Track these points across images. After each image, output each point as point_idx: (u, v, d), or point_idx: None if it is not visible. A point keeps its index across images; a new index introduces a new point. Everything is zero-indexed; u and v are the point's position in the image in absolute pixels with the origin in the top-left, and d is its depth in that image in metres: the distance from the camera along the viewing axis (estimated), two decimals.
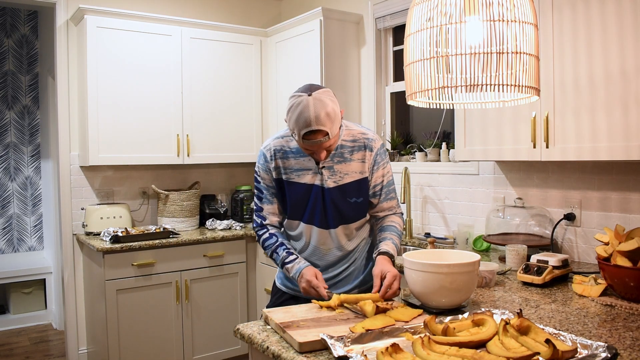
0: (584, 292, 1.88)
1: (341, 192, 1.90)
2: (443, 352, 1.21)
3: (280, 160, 1.93)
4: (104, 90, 3.49)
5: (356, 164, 1.92)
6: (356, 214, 1.96)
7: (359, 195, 1.93)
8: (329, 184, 1.90)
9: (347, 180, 1.91)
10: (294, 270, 1.87)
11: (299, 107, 1.73)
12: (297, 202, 1.92)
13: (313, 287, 1.79)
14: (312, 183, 1.90)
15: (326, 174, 1.90)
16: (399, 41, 3.71)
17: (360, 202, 1.94)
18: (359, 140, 1.95)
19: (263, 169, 1.96)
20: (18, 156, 5.47)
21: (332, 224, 1.93)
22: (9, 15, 5.36)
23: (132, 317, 3.29)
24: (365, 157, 1.93)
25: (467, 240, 2.88)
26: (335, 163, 1.91)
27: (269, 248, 1.96)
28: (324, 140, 1.75)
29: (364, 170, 1.93)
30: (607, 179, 2.41)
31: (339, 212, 1.92)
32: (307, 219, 1.93)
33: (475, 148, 2.59)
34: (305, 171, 1.91)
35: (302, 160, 1.91)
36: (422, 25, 1.36)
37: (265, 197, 1.98)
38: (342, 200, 1.91)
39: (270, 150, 1.95)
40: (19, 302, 4.92)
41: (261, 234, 1.99)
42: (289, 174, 1.92)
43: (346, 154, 1.92)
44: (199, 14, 4.20)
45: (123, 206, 3.71)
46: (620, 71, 2.00)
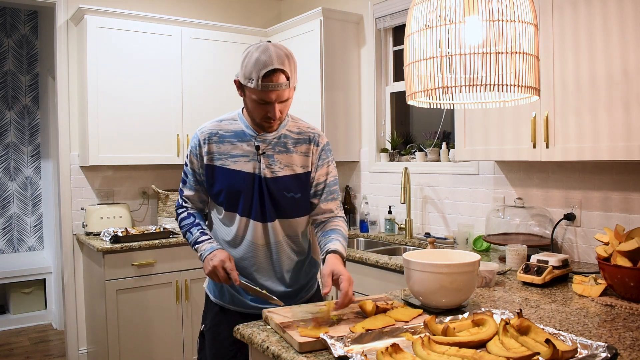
0: (584, 292, 1.88)
1: (277, 184, 1.76)
2: (443, 352, 1.21)
3: (215, 144, 1.78)
4: (104, 90, 3.49)
5: (298, 156, 1.80)
6: (294, 210, 1.80)
7: (297, 190, 1.79)
8: (265, 173, 1.76)
9: (286, 173, 1.78)
10: (205, 249, 1.73)
11: (258, 50, 1.63)
12: (231, 190, 1.76)
13: (225, 268, 1.66)
14: (248, 171, 1.76)
15: (264, 162, 1.76)
16: (399, 41, 3.71)
17: (298, 198, 1.80)
18: (305, 133, 1.83)
19: (194, 153, 1.81)
20: (18, 156, 5.47)
21: (270, 217, 1.77)
22: (9, 15, 5.36)
23: (132, 317, 3.29)
24: (310, 150, 1.81)
25: (467, 240, 2.88)
26: (277, 152, 1.78)
27: (184, 228, 1.83)
28: (284, 85, 1.64)
29: (306, 165, 1.81)
30: (607, 179, 2.41)
31: (276, 205, 1.77)
32: (242, 211, 1.77)
33: (475, 148, 2.59)
34: (242, 157, 1.76)
35: (239, 145, 1.77)
36: (422, 25, 1.36)
37: (189, 182, 1.85)
38: (278, 192, 1.76)
39: (204, 134, 1.80)
40: (19, 302, 4.92)
41: (180, 212, 1.87)
42: (224, 159, 1.77)
43: (289, 144, 1.79)
44: (199, 14, 4.20)
45: (123, 206, 3.71)
46: (621, 71, 2.00)
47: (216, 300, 1.88)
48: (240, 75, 1.68)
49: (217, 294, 1.88)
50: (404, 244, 3.24)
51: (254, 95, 1.67)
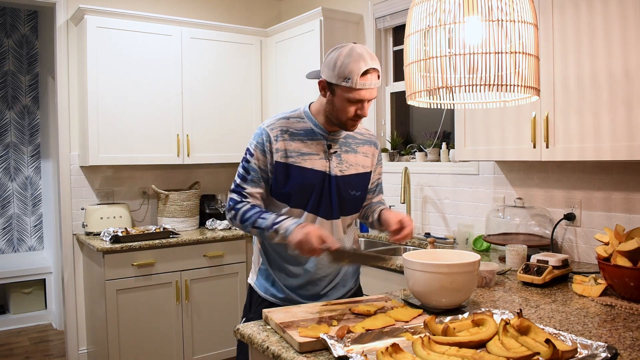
0: (584, 292, 1.88)
1: (345, 182, 1.83)
2: (443, 352, 1.21)
3: (286, 142, 1.77)
4: (104, 90, 3.49)
5: (362, 157, 1.88)
6: (354, 207, 1.89)
7: (358, 188, 1.87)
8: (335, 172, 1.81)
9: (352, 172, 1.85)
10: (290, 223, 1.66)
11: (351, 51, 1.65)
12: (302, 188, 1.77)
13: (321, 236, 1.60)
14: (319, 169, 1.79)
15: (335, 161, 1.81)
16: (399, 41, 3.71)
17: (358, 196, 1.88)
18: (366, 134, 1.93)
19: (261, 149, 1.77)
20: (18, 156, 5.47)
21: (335, 214, 1.83)
22: (9, 15, 5.36)
23: (132, 317, 3.29)
24: (372, 153, 1.92)
25: (467, 240, 2.88)
26: (344, 152, 1.84)
27: (251, 217, 1.73)
28: (377, 84, 1.70)
29: (367, 165, 1.90)
30: (607, 179, 2.41)
31: (341, 202, 1.83)
32: (311, 208, 1.79)
33: (476, 148, 2.59)
34: (313, 155, 1.79)
35: (310, 144, 1.79)
36: (422, 25, 1.36)
37: (252, 178, 1.78)
38: (345, 190, 1.83)
39: (275, 130, 1.77)
40: (19, 302, 4.92)
41: (240, 206, 1.77)
42: (295, 157, 1.77)
43: (354, 144, 1.87)
44: (199, 14, 4.20)
45: (123, 206, 3.71)
46: (622, 70, 2.00)
47: (266, 296, 1.89)
48: (330, 75, 1.68)
49: (268, 290, 1.89)
50: (404, 244, 3.24)
51: (349, 94, 1.67)
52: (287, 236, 1.65)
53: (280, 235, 1.67)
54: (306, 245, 1.60)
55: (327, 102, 1.75)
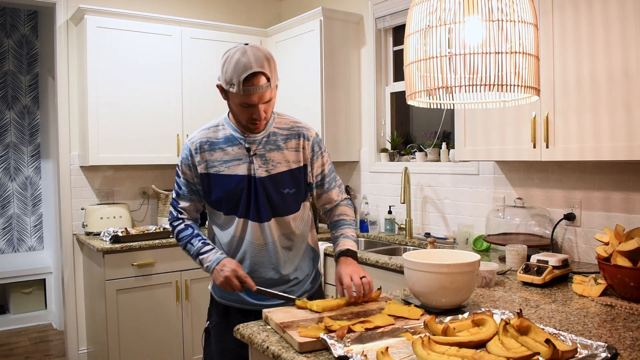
0: (584, 292, 1.88)
1: (274, 181, 1.79)
2: (443, 352, 1.21)
3: (207, 152, 1.80)
4: (104, 90, 3.49)
5: (290, 152, 1.82)
6: (290, 205, 1.84)
7: (292, 186, 1.82)
8: (260, 173, 1.78)
9: (281, 170, 1.81)
10: (211, 260, 1.76)
11: (236, 54, 1.65)
12: (229, 195, 1.79)
13: (239, 277, 1.70)
14: (242, 174, 1.78)
15: (257, 162, 1.79)
16: (399, 41, 3.71)
17: (293, 193, 1.83)
18: (293, 128, 1.86)
19: (185, 164, 1.83)
20: (18, 156, 5.47)
21: (265, 217, 1.80)
22: (9, 15, 5.36)
23: (132, 317, 3.29)
24: (300, 145, 1.84)
25: (467, 240, 2.88)
26: (268, 151, 1.80)
27: (183, 239, 1.84)
28: (265, 87, 1.66)
29: (298, 160, 1.84)
30: (607, 179, 2.41)
31: (271, 203, 1.80)
32: (240, 213, 1.80)
33: (476, 148, 2.59)
34: (235, 162, 1.79)
35: (231, 150, 1.80)
36: (423, 25, 1.36)
37: (184, 193, 1.86)
38: (274, 190, 1.79)
39: (195, 144, 1.82)
40: (19, 302, 4.92)
41: (176, 224, 1.87)
42: (218, 166, 1.80)
43: (279, 141, 1.82)
44: (199, 14, 4.20)
45: (123, 206, 3.71)
46: (622, 71, 2.00)
47: (220, 300, 1.92)
48: (221, 80, 1.71)
49: (221, 293, 1.91)
50: (404, 244, 3.24)
51: (236, 99, 1.69)
52: (210, 272, 1.77)
53: (204, 268, 1.79)
54: (227, 287, 1.73)
55: (228, 105, 1.78)
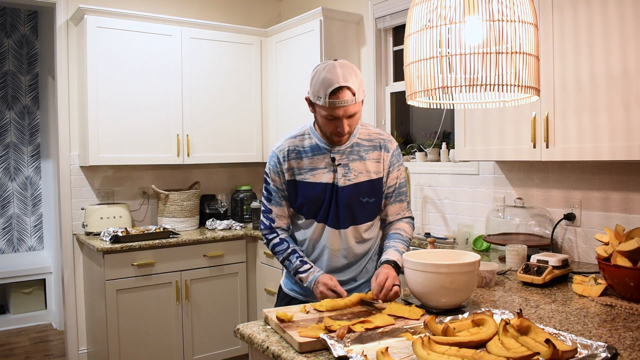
0: (584, 292, 1.88)
1: (354, 191, 1.88)
2: (443, 352, 1.21)
3: (294, 160, 1.90)
4: (104, 90, 3.49)
5: (371, 163, 1.91)
6: (368, 214, 1.93)
7: (371, 195, 1.91)
8: (341, 183, 1.87)
9: (362, 179, 1.89)
10: (309, 279, 1.84)
11: (325, 69, 1.74)
12: (311, 201, 1.89)
13: (331, 288, 1.77)
14: (326, 182, 1.87)
15: (340, 172, 1.87)
16: (399, 41, 3.71)
17: (372, 203, 1.92)
18: (375, 140, 1.94)
19: (274, 171, 1.93)
20: (18, 156, 5.47)
21: (343, 224, 1.90)
22: (9, 15, 5.36)
23: (132, 317, 3.29)
24: (381, 157, 1.93)
25: (467, 240, 2.88)
26: (351, 161, 1.89)
27: (280, 253, 1.93)
28: (350, 101, 1.73)
29: (378, 171, 1.92)
30: (607, 179, 2.41)
31: (350, 212, 1.89)
32: (320, 218, 1.90)
33: (476, 148, 2.59)
34: (320, 170, 1.88)
35: (316, 159, 1.89)
36: (422, 25, 1.36)
37: (274, 199, 1.94)
38: (354, 199, 1.88)
39: (283, 151, 1.91)
40: (19, 302, 4.92)
41: (271, 238, 1.96)
42: (303, 174, 1.89)
43: (362, 152, 1.91)
44: (199, 14, 4.20)
45: (123, 206, 3.71)
46: (621, 71, 2.00)
47: (289, 292, 2.03)
48: (310, 93, 1.80)
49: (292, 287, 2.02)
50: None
51: (323, 111, 1.77)
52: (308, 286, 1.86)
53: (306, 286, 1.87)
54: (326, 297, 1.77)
55: (314, 116, 1.87)
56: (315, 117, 1.86)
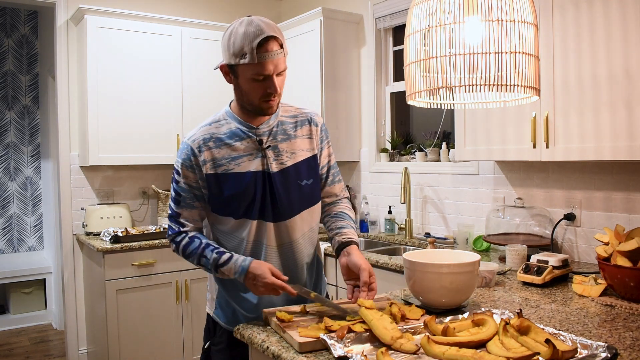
0: (584, 292, 1.88)
1: (290, 174, 1.63)
2: (443, 352, 1.21)
3: (212, 150, 1.60)
4: (104, 90, 3.49)
5: (302, 140, 1.68)
6: (309, 199, 1.68)
7: (309, 176, 1.67)
8: (273, 168, 1.61)
9: (296, 160, 1.65)
10: (237, 269, 1.55)
11: (243, 23, 1.51)
12: (240, 195, 1.60)
13: (277, 287, 1.52)
14: (256, 170, 1.61)
15: (271, 156, 1.62)
16: (399, 41, 3.71)
17: (310, 185, 1.67)
18: (299, 115, 1.72)
19: (187, 166, 1.61)
20: (18, 156, 5.47)
21: (287, 214, 1.64)
22: (9, 15, 5.36)
23: (132, 317, 3.29)
24: (312, 132, 1.70)
25: (467, 240, 2.88)
26: (279, 142, 1.64)
27: (193, 254, 1.61)
28: (279, 53, 1.51)
29: (312, 147, 1.69)
30: (607, 179, 2.41)
31: (291, 199, 1.63)
32: (257, 215, 1.61)
33: (475, 148, 2.59)
34: (245, 157, 1.61)
35: (239, 145, 1.61)
36: (422, 25, 1.36)
37: (184, 200, 1.63)
38: (292, 184, 1.63)
39: (197, 141, 1.61)
40: (19, 302, 4.92)
41: (179, 240, 1.65)
42: (226, 164, 1.60)
43: (289, 130, 1.67)
44: (199, 14, 4.20)
45: (123, 206, 3.71)
46: (623, 70, 2.00)
47: (228, 327, 1.70)
48: (227, 56, 1.54)
49: (229, 320, 1.71)
50: (404, 244, 3.24)
51: (249, 71, 1.52)
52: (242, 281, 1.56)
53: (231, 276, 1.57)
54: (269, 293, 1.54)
55: (234, 88, 1.62)
56: (238, 87, 1.59)
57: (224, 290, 1.72)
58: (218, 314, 1.74)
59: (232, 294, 1.70)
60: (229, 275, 1.58)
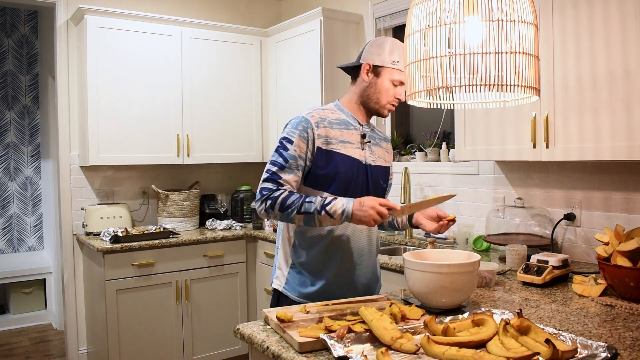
0: (584, 292, 1.88)
1: (377, 172, 1.89)
2: (443, 352, 1.21)
3: (326, 128, 1.78)
4: (104, 90, 3.49)
5: (383, 151, 1.95)
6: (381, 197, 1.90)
7: (385, 180, 1.94)
8: (369, 161, 1.86)
9: (380, 163, 1.91)
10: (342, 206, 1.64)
11: (389, 39, 1.81)
12: (343, 174, 1.77)
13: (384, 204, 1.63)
14: (356, 157, 1.83)
15: (368, 151, 1.87)
16: None
17: (384, 188, 1.94)
18: (381, 132, 2.00)
19: (302, 136, 1.75)
20: (18, 156, 5.47)
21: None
22: (9, 15, 5.36)
23: (132, 317, 3.29)
24: (389, 149, 1.99)
25: (467, 240, 2.88)
26: (373, 144, 1.90)
27: (295, 203, 1.67)
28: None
29: (388, 161, 1.97)
30: (607, 179, 2.41)
31: (376, 191, 1.88)
32: (351, 194, 1.79)
33: (475, 148, 2.59)
34: (350, 144, 1.82)
35: (346, 132, 1.83)
36: (422, 25, 1.36)
37: (290, 167, 1.74)
38: (376, 180, 1.89)
39: (315, 117, 1.79)
40: (19, 302, 4.92)
41: (277, 194, 1.70)
42: (335, 144, 1.79)
43: (377, 139, 1.94)
44: (199, 14, 4.20)
45: (123, 206, 3.71)
46: (622, 70, 2.00)
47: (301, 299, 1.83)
48: (379, 58, 1.79)
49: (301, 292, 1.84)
50: (404, 244, 3.23)
51: (395, 76, 1.79)
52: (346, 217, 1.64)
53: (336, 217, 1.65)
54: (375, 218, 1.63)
55: (369, 85, 1.82)
56: (374, 85, 1.81)
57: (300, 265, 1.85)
58: (289, 288, 1.87)
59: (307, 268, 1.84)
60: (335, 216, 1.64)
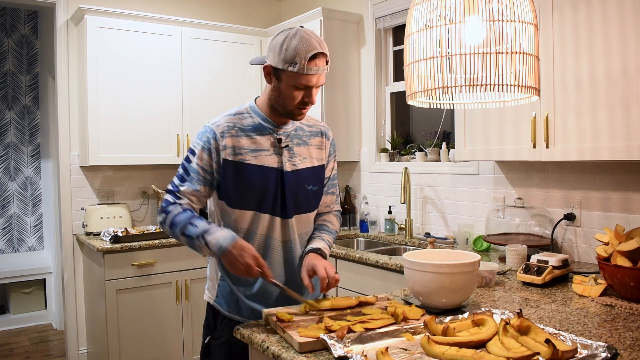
0: (584, 292, 1.88)
1: (299, 177, 1.73)
2: (443, 352, 1.21)
3: (233, 138, 1.66)
4: (104, 90, 3.49)
5: (314, 149, 1.79)
6: (311, 203, 1.79)
7: (315, 183, 1.77)
8: (287, 167, 1.70)
9: (306, 165, 1.75)
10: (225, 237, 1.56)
11: (297, 35, 1.57)
12: (253, 187, 1.66)
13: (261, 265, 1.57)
14: (271, 165, 1.68)
15: (286, 155, 1.71)
16: (399, 41, 3.71)
17: (315, 191, 1.78)
18: (315, 126, 1.83)
19: (206, 148, 1.66)
20: (18, 156, 5.47)
21: (290, 213, 1.72)
22: (9, 15, 5.36)
23: (132, 317, 3.29)
24: (323, 144, 1.82)
25: (467, 240, 2.88)
26: (296, 145, 1.74)
27: (181, 223, 1.60)
28: (323, 69, 1.61)
29: (321, 158, 1.81)
30: (607, 179, 2.41)
31: (296, 199, 1.72)
32: (266, 208, 1.68)
33: (475, 148, 2.59)
34: (263, 152, 1.68)
35: (259, 139, 1.69)
36: (422, 25, 1.36)
37: (191, 180, 1.65)
38: (300, 186, 1.73)
39: (220, 127, 1.67)
40: (19, 302, 4.92)
41: (171, 209, 1.63)
42: (244, 154, 1.66)
43: (304, 137, 1.78)
44: (199, 14, 4.20)
45: (123, 206, 3.71)
46: (621, 71, 2.00)
47: (231, 315, 1.74)
48: (276, 60, 1.60)
49: (232, 308, 1.74)
50: (404, 244, 3.24)
51: (295, 79, 1.59)
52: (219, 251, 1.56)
53: (211, 247, 1.57)
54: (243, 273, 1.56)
55: (272, 89, 1.66)
56: (277, 89, 1.64)
57: (227, 276, 1.75)
58: (219, 302, 1.76)
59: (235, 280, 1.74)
60: (210, 245, 1.56)
